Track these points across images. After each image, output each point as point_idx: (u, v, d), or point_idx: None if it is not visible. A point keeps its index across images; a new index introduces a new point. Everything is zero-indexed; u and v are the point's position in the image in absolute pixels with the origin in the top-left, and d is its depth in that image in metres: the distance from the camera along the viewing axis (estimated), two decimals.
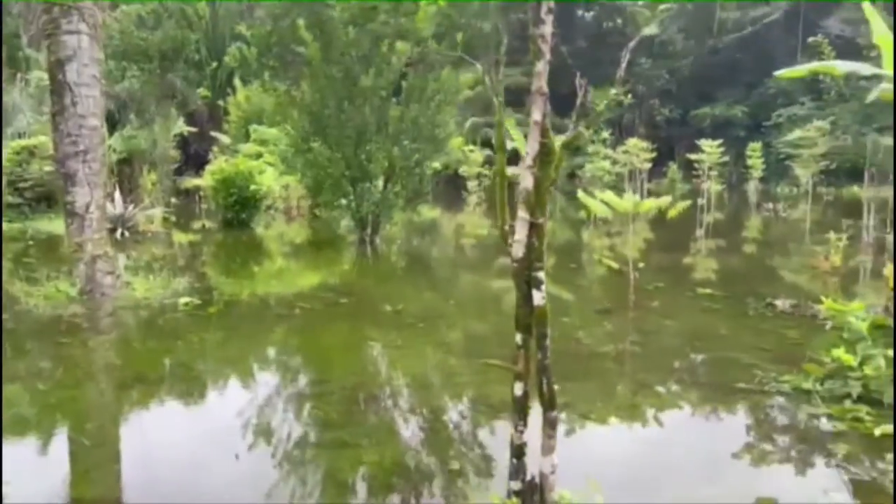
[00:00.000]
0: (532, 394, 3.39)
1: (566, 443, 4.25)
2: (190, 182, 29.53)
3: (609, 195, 8.38)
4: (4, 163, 17.57)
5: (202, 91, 20.23)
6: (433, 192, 27.13)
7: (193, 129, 30.27)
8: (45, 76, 23.91)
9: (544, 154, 3.39)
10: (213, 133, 33.87)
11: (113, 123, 19.47)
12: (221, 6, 36.09)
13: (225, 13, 36.82)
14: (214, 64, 20.10)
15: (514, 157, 4.83)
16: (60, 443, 4.68)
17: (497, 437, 4.70)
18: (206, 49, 26.06)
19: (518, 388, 3.54)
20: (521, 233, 3.45)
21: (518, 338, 3.57)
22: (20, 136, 20.35)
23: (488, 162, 31.31)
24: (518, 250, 3.44)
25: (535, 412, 3.37)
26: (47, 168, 17.67)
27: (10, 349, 6.62)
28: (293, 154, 15.45)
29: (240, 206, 17.67)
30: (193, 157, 32.01)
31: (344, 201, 16.46)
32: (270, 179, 20.04)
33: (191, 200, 27.31)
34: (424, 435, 4.81)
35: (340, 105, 14.04)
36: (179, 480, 4.10)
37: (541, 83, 3.33)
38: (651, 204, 8.32)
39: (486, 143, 34.14)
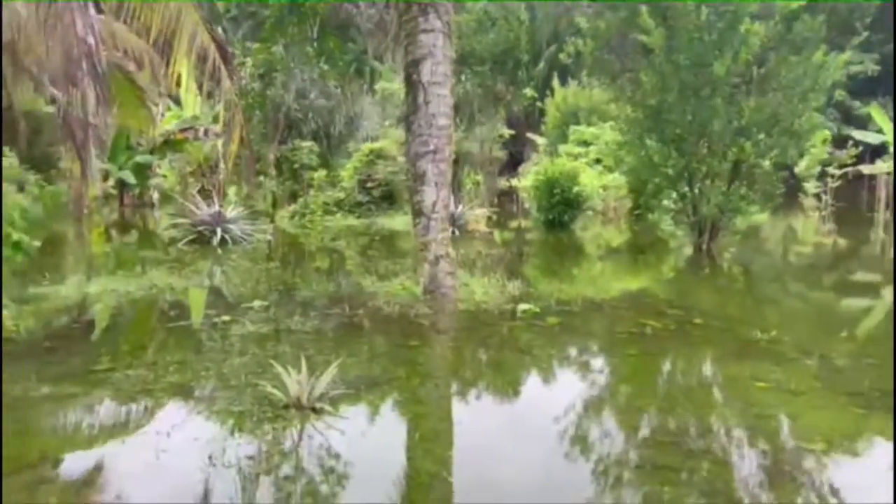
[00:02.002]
0: None
1: None
2: (505, 183, 30.28)
3: None
4: (356, 163, 19.43)
5: (528, 92, 20.24)
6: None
7: (511, 132, 30.95)
8: (389, 86, 26.32)
9: None
10: (528, 135, 34.38)
11: None
12: (540, 9, 36.48)
13: (544, 15, 37.15)
14: (541, 64, 19.94)
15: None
16: (416, 474, 4.21)
17: None
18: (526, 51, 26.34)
19: None
20: None
21: None
22: (367, 140, 22.46)
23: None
24: None
25: None
26: (390, 169, 19.18)
27: (368, 350, 6.60)
28: (625, 152, 14.38)
29: (562, 206, 17.17)
30: (508, 158, 32.76)
31: (669, 202, 14.99)
32: (591, 180, 19.30)
33: (506, 200, 27.90)
34: None
35: (684, 96, 12.57)
36: None
37: None
38: None
39: None
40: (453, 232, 15.70)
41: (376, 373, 5.82)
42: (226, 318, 7.64)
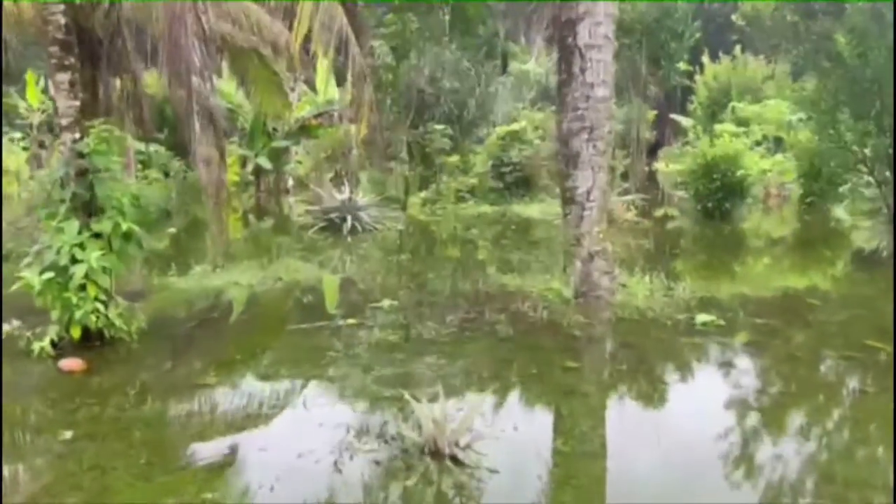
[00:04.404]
0: None
1: None
2: (644, 167, 28.00)
3: None
4: (490, 148, 18.25)
5: (681, 66, 18.09)
6: None
7: (653, 112, 28.61)
8: (522, 66, 24.87)
9: None
10: (670, 115, 31.67)
11: None
12: None
13: None
14: (696, 34, 17.79)
15: None
16: None
17: None
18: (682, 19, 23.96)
19: None
20: None
21: None
22: (499, 123, 21.21)
23: None
24: None
25: None
26: (525, 153, 17.85)
27: (517, 372, 5.39)
28: (812, 129, 12.24)
29: (723, 193, 15.08)
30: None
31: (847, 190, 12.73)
32: (753, 163, 16.97)
33: (647, 186, 25.68)
34: None
35: (892, 61, 10.31)
36: None
37: None
38: None
39: None
40: None
41: (531, 406, 4.61)
42: (352, 320, 6.72)
